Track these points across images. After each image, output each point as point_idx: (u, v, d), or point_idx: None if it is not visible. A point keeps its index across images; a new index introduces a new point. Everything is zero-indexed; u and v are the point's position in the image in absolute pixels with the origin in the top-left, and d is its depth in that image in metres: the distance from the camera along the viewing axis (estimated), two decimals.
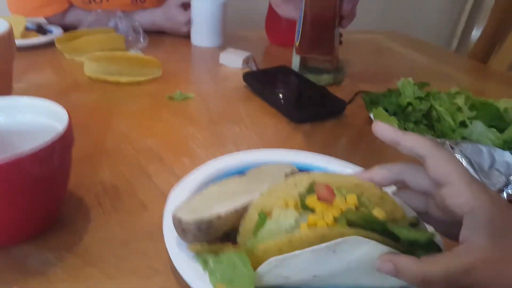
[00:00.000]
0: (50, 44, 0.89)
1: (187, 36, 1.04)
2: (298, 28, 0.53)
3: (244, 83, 0.76)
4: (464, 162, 0.45)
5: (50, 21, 1.02)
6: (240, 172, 0.45)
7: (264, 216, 0.32)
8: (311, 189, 0.33)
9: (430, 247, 0.30)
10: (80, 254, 0.36)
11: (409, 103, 0.61)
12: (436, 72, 0.97)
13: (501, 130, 0.54)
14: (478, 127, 0.54)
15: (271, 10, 1.06)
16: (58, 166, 0.35)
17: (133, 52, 0.82)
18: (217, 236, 0.34)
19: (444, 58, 1.11)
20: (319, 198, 0.32)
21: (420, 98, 0.62)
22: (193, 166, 0.45)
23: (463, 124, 0.56)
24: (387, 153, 0.55)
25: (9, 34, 0.46)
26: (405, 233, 0.29)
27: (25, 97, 0.40)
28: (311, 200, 0.32)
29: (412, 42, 1.23)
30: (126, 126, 0.59)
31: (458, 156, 0.46)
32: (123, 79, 0.72)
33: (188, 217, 0.33)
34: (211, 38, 1.01)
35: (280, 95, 0.70)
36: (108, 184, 0.45)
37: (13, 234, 0.36)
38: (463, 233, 0.27)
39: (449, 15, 2.09)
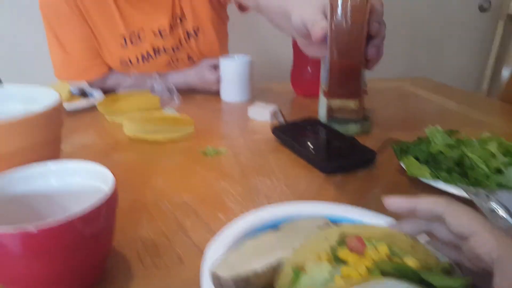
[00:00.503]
0: (93, 107, 0.96)
1: (217, 93, 1.10)
2: (324, 73, 0.55)
3: (273, 136, 0.79)
4: (501, 211, 0.44)
5: (92, 85, 1.11)
6: (274, 226, 0.46)
7: (298, 272, 0.33)
8: (342, 242, 0.34)
9: None
10: None
11: (440, 151, 0.61)
12: (465, 117, 0.97)
13: None
14: None
15: (295, 63, 1.11)
16: (104, 225, 0.37)
17: (168, 111, 0.88)
18: None
19: (473, 102, 1.11)
20: (350, 250, 0.33)
21: (450, 146, 0.62)
22: (228, 220, 0.46)
23: (498, 171, 0.55)
24: None
25: (59, 104, 0.51)
26: (440, 281, 0.29)
27: (74, 161, 0.44)
28: (343, 253, 0.33)
29: (439, 88, 1.24)
30: (163, 182, 0.62)
31: (494, 205, 0.45)
32: (159, 137, 0.77)
33: (226, 273, 0.34)
34: (239, 94, 1.06)
35: (309, 147, 0.72)
36: (148, 240, 0.47)
37: None
38: (497, 281, 0.27)
39: (477, 57, 2.09)
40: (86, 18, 1.02)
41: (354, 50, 0.51)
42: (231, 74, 1.05)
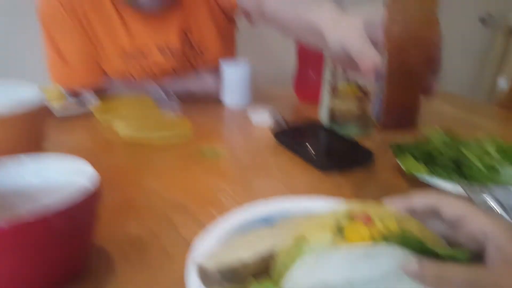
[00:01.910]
0: (87, 111, 0.93)
1: (217, 99, 1.09)
2: (376, 104, 0.50)
3: (274, 139, 0.78)
4: (495, 205, 0.44)
5: (87, 90, 1.10)
6: (268, 221, 0.45)
7: (299, 242, 0.31)
8: (349, 218, 0.32)
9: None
10: None
11: (438, 150, 0.61)
12: (463, 121, 0.96)
13: None
14: (508, 171, 0.54)
15: (299, 69, 1.11)
16: (83, 221, 0.37)
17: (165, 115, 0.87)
18: (244, 284, 0.33)
19: (471, 107, 1.10)
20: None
21: (448, 145, 0.62)
22: (221, 216, 0.45)
23: (492, 169, 0.55)
24: None
25: (41, 100, 0.50)
26: (444, 252, 0.29)
27: (53, 155, 0.42)
28: (348, 223, 0.31)
29: (438, 93, 1.22)
30: (156, 183, 0.61)
31: (489, 200, 0.44)
32: (155, 139, 0.76)
33: (212, 265, 0.33)
34: (241, 98, 1.05)
35: (309, 147, 0.71)
36: (134, 237, 0.46)
37: None
38: (489, 253, 0.28)
39: (476, 67, 2.08)
40: (87, 29, 1.00)
41: (415, 83, 0.46)
42: (232, 78, 1.04)
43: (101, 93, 1.06)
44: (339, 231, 0.31)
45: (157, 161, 0.70)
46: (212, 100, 1.09)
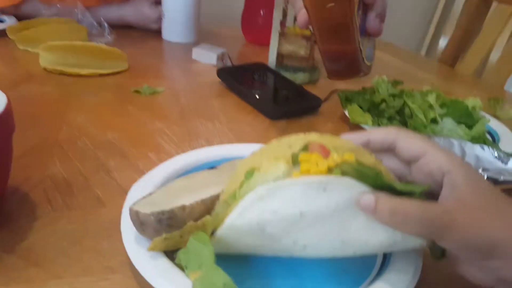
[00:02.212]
0: (1, 34, 0.81)
1: (157, 32, 1.00)
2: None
3: (218, 79, 0.73)
4: None
5: (2, 11, 0.94)
6: (211, 166, 0.42)
7: (251, 171, 0.29)
8: (305, 149, 0.30)
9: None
10: (22, 254, 0.31)
11: (383, 100, 0.61)
12: (408, 74, 0.98)
13: (469, 127, 0.57)
14: (448, 123, 0.56)
15: (247, 8, 1.04)
16: None
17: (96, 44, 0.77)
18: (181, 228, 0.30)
19: (416, 61, 1.13)
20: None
21: (393, 96, 0.62)
22: (160, 161, 0.42)
23: (434, 121, 0.57)
24: None
25: None
26: (401, 186, 0.28)
27: None
28: (305, 155, 0.29)
29: (386, 46, 1.24)
30: (85, 119, 0.54)
31: None
32: (84, 71, 0.67)
33: (148, 209, 0.30)
34: (183, 33, 0.97)
35: (256, 92, 0.68)
36: (59, 179, 0.41)
37: None
38: (445, 192, 0.28)
39: (418, 26, 2.15)
40: None
41: (346, 34, 0.44)
42: (175, 10, 0.94)
43: (21, 16, 0.91)
44: (295, 163, 0.29)
45: (86, 95, 0.62)
46: (151, 33, 0.99)
